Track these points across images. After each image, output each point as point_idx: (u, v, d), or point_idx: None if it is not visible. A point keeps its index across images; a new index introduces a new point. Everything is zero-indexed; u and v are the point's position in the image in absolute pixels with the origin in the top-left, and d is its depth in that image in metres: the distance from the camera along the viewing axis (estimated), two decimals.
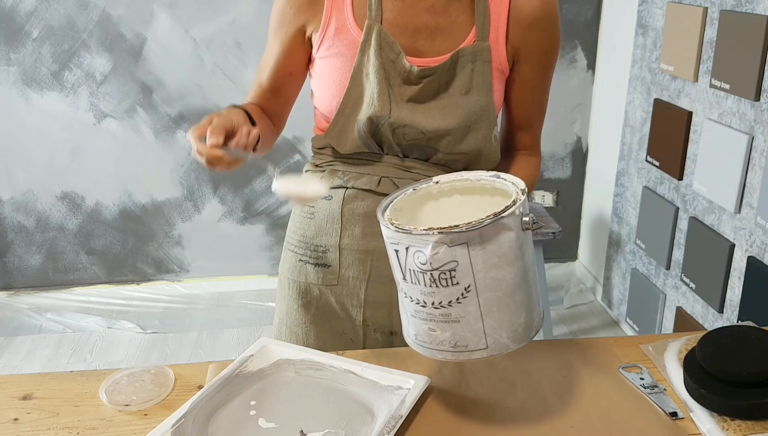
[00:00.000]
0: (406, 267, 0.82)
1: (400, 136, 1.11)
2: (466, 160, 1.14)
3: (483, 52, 1.09)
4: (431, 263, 0.79)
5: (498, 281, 0.80)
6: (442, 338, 0.84)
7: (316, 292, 1.20)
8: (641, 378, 0.98)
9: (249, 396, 0.95)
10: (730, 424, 0.89)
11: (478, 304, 0.81)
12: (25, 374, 1.03)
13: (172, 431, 0.85)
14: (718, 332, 0.99)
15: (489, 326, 0.82)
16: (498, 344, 0.83)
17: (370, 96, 1.09)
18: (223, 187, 2.97)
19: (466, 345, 0.83)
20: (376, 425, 0.88)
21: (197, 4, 2.71)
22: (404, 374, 0.97)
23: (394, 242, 0.82)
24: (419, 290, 0.82)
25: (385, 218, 0.85)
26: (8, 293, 2.98)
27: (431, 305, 0.82)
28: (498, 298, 0.81)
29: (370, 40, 1.08)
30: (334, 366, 1.00)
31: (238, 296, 3.07)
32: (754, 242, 1.94)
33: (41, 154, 2.82)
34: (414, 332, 0.87)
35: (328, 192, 0.95)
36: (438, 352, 0.85)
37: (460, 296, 0.80)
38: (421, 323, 0.84)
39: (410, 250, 0.80)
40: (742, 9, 1.94)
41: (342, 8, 1.10)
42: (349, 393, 0.95)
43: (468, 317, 0.81)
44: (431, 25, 1.10)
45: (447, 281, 0.79)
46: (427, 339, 0.85)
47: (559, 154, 3.10)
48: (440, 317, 0.82)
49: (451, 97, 1.10)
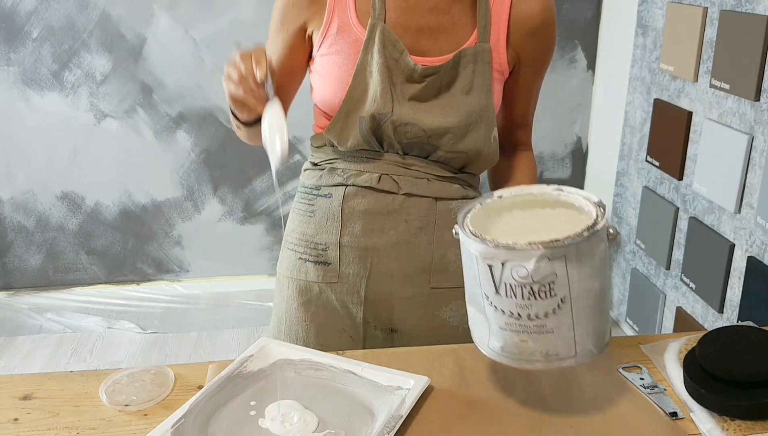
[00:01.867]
0: (501, 281, 0.83)
1: (402, 134, 1.12)
2: (465, 159, 1.16)
3: (484, 53, 1.11)
4: (533, 276, 0.81)
5: (589, 290, 0.83)
6: (533, 349, 0.86)
7: (316, 290, 1.20)
8: (641, 378, 0.98)
9: (249, 396, 0.95)
10: (730, 424, 0.89)
11: (572, 314, 0.83)
12: (25, 374, 1.03)
13: (172, 431, 0.85)
14: (718, 332, 0.99)
15: (579, 335, 0.85)
16: (585, 351, 0.86)
17: (372, 93, 1.09)
18: (223, 187, 2.97)
19: (557, 354, 0.86)
20: (376, 425, 0.88)
21: (197, 4, 2.71)
22: (404, 374, 0.97)
23: (489, 257, 0.83)
24: (514, 303, 0.83)
25: (471, 233, 0.85)
26: (8, 293, 2.98)
27: (526, 317, 0.84)
28: (588, 307, 0.84)
29: (373, 38, 1.09)
30: (334, 366, 1.00)
31: (238, 296, 3.07)
32: (754, 242, 1.94)
33: (41, 154, 2.82)
34: (500, 345, 0.88)
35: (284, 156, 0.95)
36: (527, 362, 0.87)
37: (556, 308, 0.83)
38: (513, 335, 0.86)
39: (508, 264, 0.81)
40: (742, 9, 1.94)
41: (345, 6, 1.11)
42: (349, 393, 0.95)
43: (561, 327, 0.84)
44: (434, 25, 1.11)
45: (545, 294, 0.82)
46: (516, 350, 0.87)
47: (559, 154, 3.10)
48: (534, 328, 0.84)
49: (453, 97, 1.11)
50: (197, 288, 3.07)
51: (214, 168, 2.93)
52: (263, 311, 2.98)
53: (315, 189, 1.20)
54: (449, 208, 1.17)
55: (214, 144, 2.89)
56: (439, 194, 1.16)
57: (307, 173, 1.23)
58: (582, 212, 0.89)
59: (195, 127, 2.85)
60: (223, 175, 2.94)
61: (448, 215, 1.17)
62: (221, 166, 2.92)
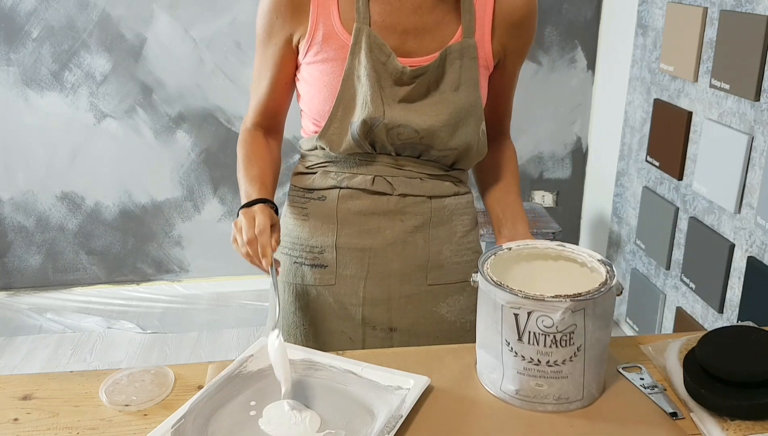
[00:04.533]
0: (525, 329, 0.89)
1: (395, 136, 1.12)
2: (456, 156, 1.16)
3: (470, 49, 1.11)
4: (557, 326, 0.87)
5: (599, 340, 0.91)
6: (547, 393, 0.92)
7: (314, 293, 1.19)
8: (641, 378, 0.98)
9: (249, 396, 0.95)
10: (730, 424, 0.89)
11: (584, 361, 0.91)
12: (25, 374, 1.03)
13: (173, 432, 0.85)
14: (718, 332, 0.99)
15: (587, 380, 0.92)
16: (589, 395, 0.94)
17: (362, 99, 1.09)
18: (223, 188, 2.97)
19: (567, 397, 0.92)
20: (376, 425, 0.88)
21: (197, 4, 2.71)
22: (404, 374, 0.97)
23: (515, 306, 0.88)
24: (536, 350, 0.89)
25: (496, 283, 0.91)
26: (8, 293, 2.98)
27: (545, 363, 0.90)
28: (596, 355, 0.92)
29: (360, 43, 1.08)
30: (334, 366, 1.00)
31: (238, 296, 3.07)
32: (754, 242, 1.94)
33: (41, 154, 2.82)
34: (515, 388, 0.93)
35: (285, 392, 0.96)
36: (539, 405, 0.93)
37: (572, 355, 0.90)
38: (530, 379, 0.91)
39: (534, 314, 0.88)
40: (742, 9, 1.94)
41: (328, 13, 1.10)
42: (349, 393, 0.95)
43: (574, 373, 0.91)
44: (419, 25, 1.11)
45: (566, 342, 0.89)
46: (531, 394, 0.92)
47: (559, 154, 3.10)
48: (552, 373, 0.91)
49: (442, 94, 1.12)
50: (197, 288, 3.07)
51: (214, 168, 2.93)
52: (263, 311, 2.98)
53: (308, 191, 1.19)
54: (443, 205, 1.18)
55: (214, 144, 2.89)
56: (432, 193, 1.17)
57: (298, 177, 1.22)
58: (584, 266, 0.99)
59: (195, 127, 2.85)
60: (223, 175, 2.94)
61: (442, 212, 1.18)
62: (221, 166, 2.92)
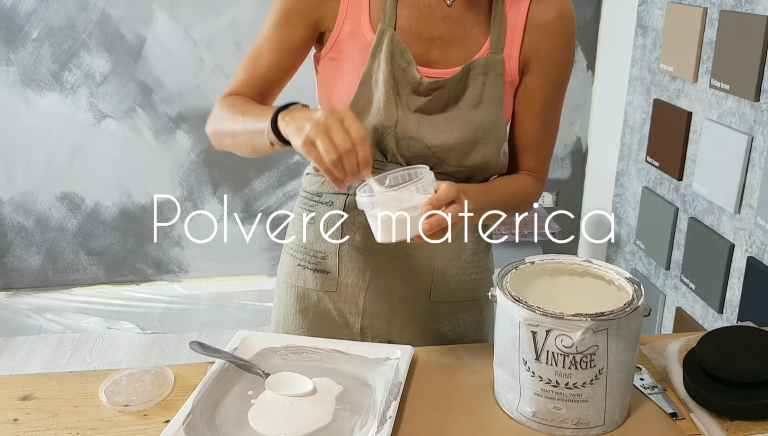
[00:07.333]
0: (543, 348, 0.84)
1: (404, 148, 1.07)
2: (470, 173, 1.11)
3: (496, 65, 1.06)
4: (577, 347, 0.83)
5: (623, 363, 0.86)
6: (565, 416, 0.87)
7: (314, 297, 1.18)
8: (641, 378, 0.98)
9: (244, 386, 0.97)
10: (730, 424, 0.89)
11: (606, 385, 0.86)
12: (24, 375, 1.03)
13: (184, 428, 0.86)
14: (718, 333, 0.99)
15: (609, 405, 0.87)
16: (611, 421, 0.89)
17: (377, 104, 1.05)
18: (223, 188, 2.97)
19: (587, 423, 0.88)
20: (377, 395, 0.92)
21: (197, 4, 2.71)
22: (388, 346, 1.03)
23: (533, 324, 0.84)
24: (554, 371, 0.85)
25: (514, 298, 0.86)
26: (8, 294, 2.97)
27: (564, 386, 0.85)
28: (620, 379, 0.87)
29: (381, 45, 1.04)
30: (319, 348, 1.04)
31: (238, 297, 3.06)
32: (754, 243, 1.94)
33: (41, 154, 2.82)
34: (533, 410, 0.89)
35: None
36: (557, 429, 0.88)
37: (594, 378, 0.85)
38: (547, 401, 0.87)
39: (552, 332, 0.83)
40: (741, 9, 1.94)
41: (358, 10, 1.06)
42: (340, 370, 0.99)
43: (595, 397, 0.86)
44: (446, 35, 1.06)
45: (586, 364, 0.84)
46: (549, 417, 0.88)
47: (559, 155, 3.10)
48: (571, 396, 0.86)
49: (460, 110, 1.07)
50: (197, 288, 3.07)
51: (214, 168, 2.93)
52: (263, 311, 2.98)
53: (316, 195, 1.16)
54: None
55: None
56: None
57: (309, 178, 1.20)
58: (611, 284, 0.93)
59: (195, 128, 2.85)
60: (223, 176, 2.94)
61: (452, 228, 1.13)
62: (221, 166, 2.92)
